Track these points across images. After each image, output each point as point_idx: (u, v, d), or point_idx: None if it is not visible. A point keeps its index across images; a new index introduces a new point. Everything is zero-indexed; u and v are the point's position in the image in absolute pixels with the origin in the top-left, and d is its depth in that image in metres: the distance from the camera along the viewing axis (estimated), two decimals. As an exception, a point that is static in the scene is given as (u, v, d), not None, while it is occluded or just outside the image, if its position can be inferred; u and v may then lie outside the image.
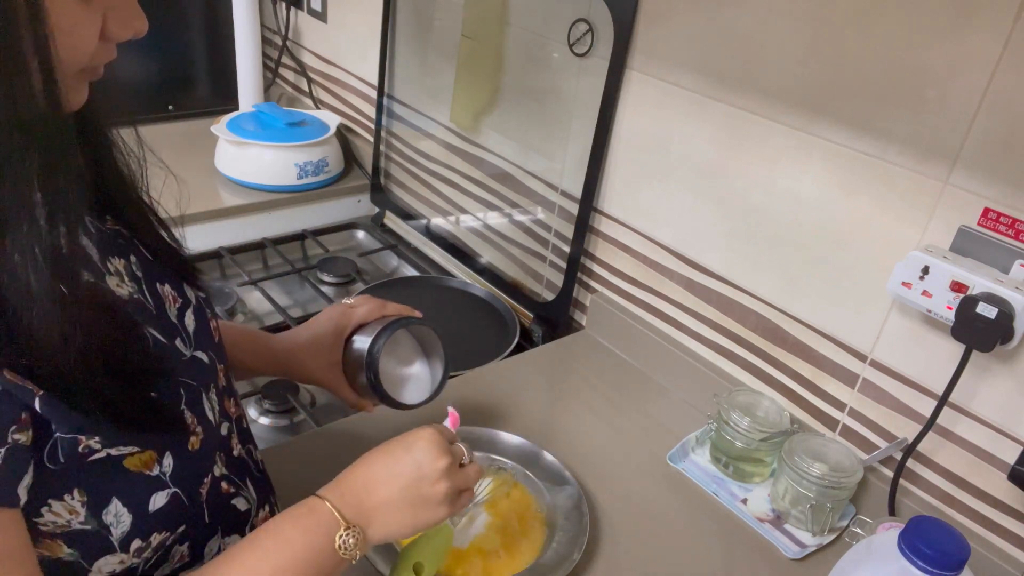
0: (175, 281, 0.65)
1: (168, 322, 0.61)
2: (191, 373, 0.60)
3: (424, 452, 0.63)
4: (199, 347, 0.63)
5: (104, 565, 0.53)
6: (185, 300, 0.65)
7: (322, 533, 0.59)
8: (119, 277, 0.58)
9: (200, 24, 1.77)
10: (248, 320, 1.32)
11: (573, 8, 1.11)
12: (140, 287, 0.60)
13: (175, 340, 0.61)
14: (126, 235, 0.63)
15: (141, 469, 0.53)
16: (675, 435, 1.01)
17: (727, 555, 0.87)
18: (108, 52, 0.51)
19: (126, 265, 0.60)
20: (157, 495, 0.55)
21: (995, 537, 0.84)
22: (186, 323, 0.64)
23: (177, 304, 0.64)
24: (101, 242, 0.59)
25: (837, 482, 0.85)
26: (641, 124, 1.08)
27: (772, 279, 0.98)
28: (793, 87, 0.89)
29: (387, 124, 1.58)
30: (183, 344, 0.62)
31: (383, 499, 0.61)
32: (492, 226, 1.38)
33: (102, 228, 0.61)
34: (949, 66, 0.76)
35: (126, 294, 0.58)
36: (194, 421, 0.58)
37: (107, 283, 0.57)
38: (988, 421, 0.82)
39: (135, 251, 0.62)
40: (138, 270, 0.61)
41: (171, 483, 0.55)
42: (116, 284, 0.58)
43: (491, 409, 1.03)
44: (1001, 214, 0.76)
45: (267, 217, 1.54)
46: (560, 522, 0.84)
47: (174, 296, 0.64)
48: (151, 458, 0.54)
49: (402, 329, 0.81)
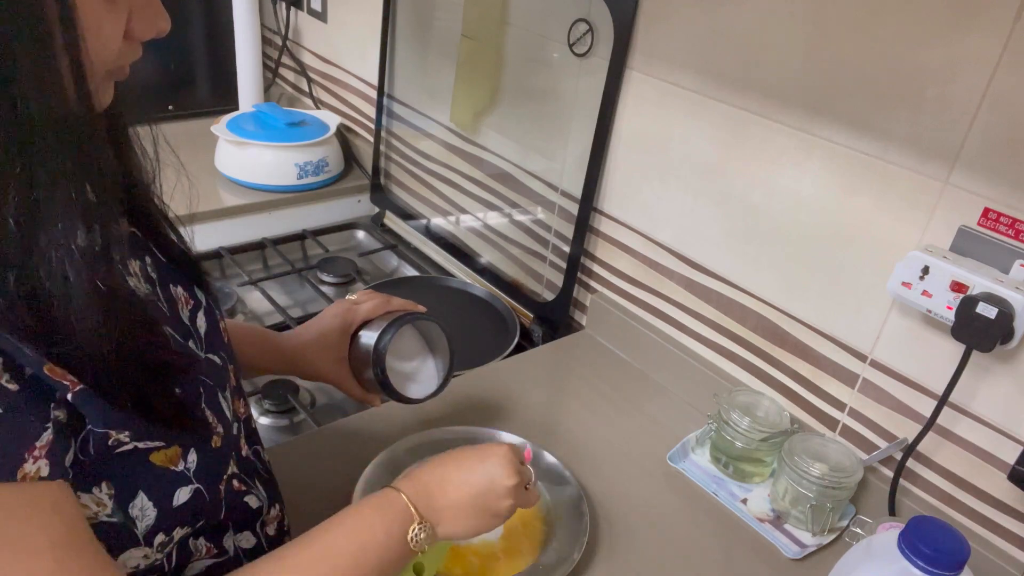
0: (186, 283, 0.66)
1: (181, 324, 0.62)
2: (208, 373, 0.61)
3: (498, 467, 0.67)
4: (210, 348, 0.64)
5: (128, 559, 0.54)
6: (197, 302, 0.66)
7: (398, 522, 0.62)
8: (136, 279, 0.59)
9: (200, 24, 1.77)
10: (248, 320, 1.32)
11: (573, 8, 1.11)
12: (155, 288, 0.61)
13: (189, 341, 0.62)
14: (140, 237, 0.63)
15: (167, 464, 0.54)
16: (675, 435, 1.01)
17: (727, 555, 0.87)
18: (133, 51, 0.52)
19: (141, 267, 0.61)
20: (181, 490, 0.56)
21: (995, 537, 0.84)
22: (198, 325, 0.64)
23: (189, 306, 0.64)
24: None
25: (837, 482, 0.85)
26: (641, 124, 1.08)
27: (772, 279, 0.98)
28: (793, 87, 0.89)
29: (387, 124, 1.58)
30: (196, 345, 0.63)
31: (453, 501, 0.65)
32: (492, 226, 1.38)
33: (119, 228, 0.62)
34: (949, 66, 0.76)
35: (143, 293, 0.59)
36: (215, 419, 0.59)
37: (129, 282, 0.58)
38: (988, 421, 0.82)
39: (149, 253, 0.63)
40: (152, 272, 0.62)
41: (194, 479, 0.56)
42: (135, 284, 0.59)
43: (491, 409, 1.03)
44: (1001, 214, 0.76)
45: (267, 217, 1.54)
46: (560, 522, 0.84)
47: (186, 298, 0.64)
48: (176, 454, 0.55)
49: (408, 324, 0.81)
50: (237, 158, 1.55)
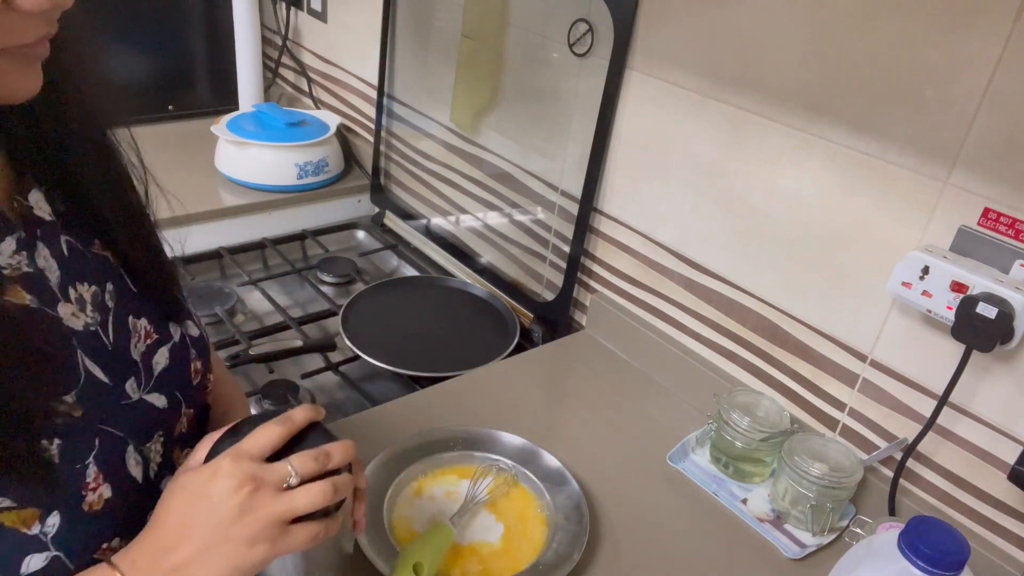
0: (156, 316, 0.60)
1: (123, 360, 0.56)
2: (123, 421, 0.55)
3: (219, 488, 0.52)
4: (159, 388, 0.58)
5: None
6: (162, 337, 0.60)
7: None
8: (80, 305, 0.54)
9: (200, 24, 1.77)
10: (248, 320, 1.32)
11: (573, 8, 1.11)
12: (105, 318, 0.56)
13: (125, 380, 0.56)
14: (113, 262, 0.59)
15: (17, 526, 0.47)
16: (675, 435, 1.01)
17: (727, 555, 0.87)
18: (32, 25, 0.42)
19: (96, 293, 0.56)
20: (33, 557, 0.48)
21: (995, 537, 0.84)
22: (153, 361, 0.59)
23: (149, 340, 0.59)
24: (71, 265, 0.55)
25: (837, 482, 0.85)
26: (641, 124, 1.08)
27: (772, 279, 0.98)
28: (793, 87, 0.89)
29: (387, 124, 1.58)
30: (134, 385, 0.57)
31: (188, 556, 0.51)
32: (492, 226, 1.38)
33: (84, 251, 0.57)
34: (949, 66, 0.76)
35: (80, 325, 0.54)
36: (97, 478, 0.51)
37: (57, 310, 0.52)
38: (988, 421, 0.82)
39: (116, 280, 0.58)
40: (111, 299, 0.57)
41: (52, 545, 0.48)
42: (71, 313, 0.53)
43: (491, 409, 1.03)
44: (1001, 214, 0.76)
45: (267, 217, 1.54)
46: (560, 522, 0.84)
47: (148, 331, 0.59)
48: (33, 515, 0.48)
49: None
50: (237, 158, 1.55)
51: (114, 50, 1.68)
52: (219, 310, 1.27)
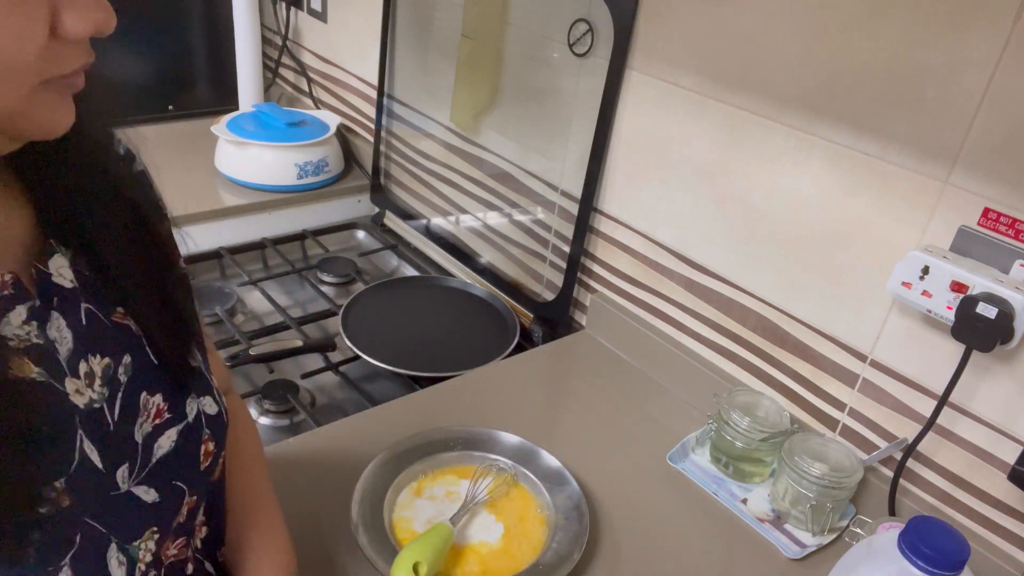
0: (173, 391, 0.56)
1: (123, 441, 0.52)
2: (110, 514, 0.50)
3: None
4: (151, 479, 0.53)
5: None
6: (176, 416, 0.56)
7: None
8: (88, 380, 0.50)
9: (200, 24, 1.77)
10: (248, 320, 1.32)
11: (573, 8, 1.11)
12: (114, 394, 0.52)
13: (119, 466, 0.51)
14: (135, 330, 0.54)
15: None
16: (675, 435, 1.01)
17: (727, 555, 0.87)
18: (73, 54, 0.41)
19: (109, 366, 0.52)
20: None
21: (995, 537, 0.84)
22: (156, 444, 0.54)
23: (158, 420, 0.55)
24: (88, 335, 0.51)
25: (837, 482, 0.85)
26: (641, 124, 1.08)
27: (772, 279, 0.98)
28: (793, 87, 0.89)
29: (387, 124, 1.58)
30: (125, 473, 0.51)
31: None
32: (492, 226, 1.38)
33: (105, 320, 0.53)
34: (949, 66, 0.76)
35: (84, 402, 0.50)
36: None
37: (64, 385, 0.48)
38: (988, 421, 0.82)
39: (136, 350, 0.54)
40: (125, 374, 0.53)
41: None
42: (75, 389, 0.49)
43: (491, 409, 1.03)
44: (1001, 214, 0.76)
45: (267, 217, 1.54)
46: (560, 522, 0.84)
47: (160, 409, 0.55)
48: None
49: None
50: (237, 158, 1.55)
51: (114, 50, 1.67)
52: (219, 310, 1.27)
